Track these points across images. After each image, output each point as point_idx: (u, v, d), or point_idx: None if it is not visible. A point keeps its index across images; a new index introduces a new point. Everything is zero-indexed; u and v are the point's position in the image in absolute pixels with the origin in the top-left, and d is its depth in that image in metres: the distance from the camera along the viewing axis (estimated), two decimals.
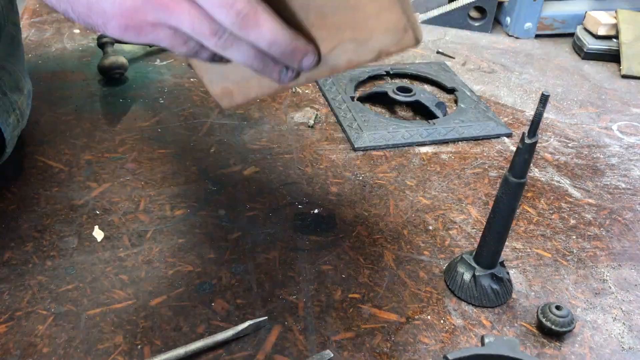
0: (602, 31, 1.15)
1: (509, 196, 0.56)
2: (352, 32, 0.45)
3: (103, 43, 0.98)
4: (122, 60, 0.94)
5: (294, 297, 0.60)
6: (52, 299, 0.58)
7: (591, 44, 1.16)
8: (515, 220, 0.72)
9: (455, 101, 0.96)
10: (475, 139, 0.88)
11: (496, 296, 0.61)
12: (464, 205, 0.74)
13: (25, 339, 0.54)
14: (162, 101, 0.91)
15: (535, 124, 0.52)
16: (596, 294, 0.64)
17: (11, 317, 0.56)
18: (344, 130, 0.86)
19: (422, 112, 0.93)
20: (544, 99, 0.50)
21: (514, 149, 0.65)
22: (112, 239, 0.65)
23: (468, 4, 1.23)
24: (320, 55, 0.47)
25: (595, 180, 0.81)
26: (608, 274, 0.66)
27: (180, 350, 0.52)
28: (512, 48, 1.19)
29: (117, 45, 1.01)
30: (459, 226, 0.71)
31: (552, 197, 0.77)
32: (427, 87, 1.01)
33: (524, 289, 0.63)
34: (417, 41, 0.44)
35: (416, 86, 0.98)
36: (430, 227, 0.70)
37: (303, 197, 0.73)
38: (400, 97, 0.92)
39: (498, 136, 0.89)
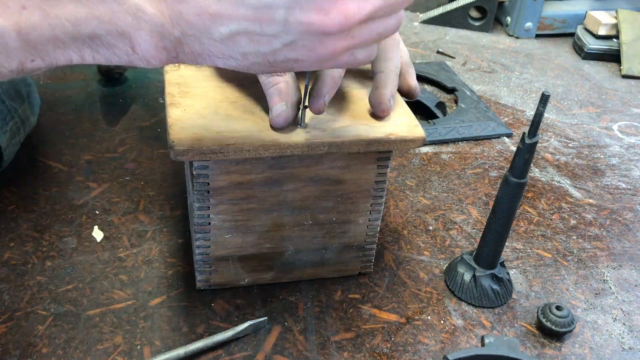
0: (602, 31, 1.15)
1: (509, 196, 0.56)
2: None
3: None
4: None
5: (294, 297, 0.60)
6: (51, 299, 0.58)
7: (592, 44, 1.15)
8: (515, 221, 0.72)
9: (456, 101, 0.96)
10: (476, 139, 0.88)
11: (496, 296, 0.61)
12: (464, 205, 0.74)
13: (25, 339, 0.54)
14: (162, 101, 0.91)
15: (535, 124, 0.52)
16: (596, 294, 0.64)
17: (10, 317, 0.56)
18: None
19: (423, 112, 0.93)
20: (544, 99, 0.50)
21: (514, 149, 0.65)
22: (111, 239, 0.65)
23: (468, 3, 1.22)
24: None
25: (595, 181, 0.81)
26: (608, 274, 0.66)
27: (180, 351, 0.52)
28: (513, 48, 1.19)
29: None
30: (459, 226, 0.71)
31: (552, 198, 0.77)
32: (427, 87, 1.01)
33: (524, 290, 0.63)
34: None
35: None
36: (431, 228, 0.70)
37: None
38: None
39: (498, 136, 0.89)
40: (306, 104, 0.51)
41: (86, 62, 0.40)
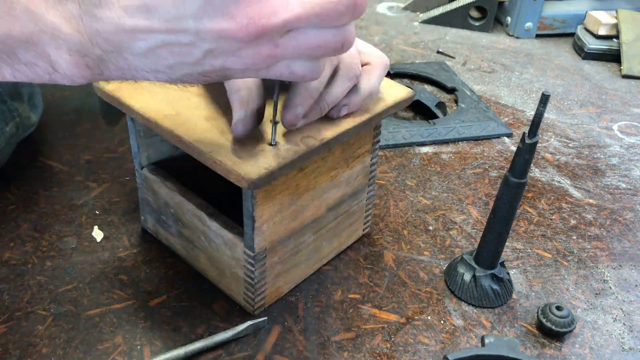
0: (602, 31, 1.15)
1: (509, 196, 0.56)
2: None
3: None
4: None
5: (294, 297, 0.60)
6: (51, 299, 0.58)
7: (592, 44, 1.15)
8: (515, 221, 0.72)
9: (456, 101, 0.96)
10: (476, 139, 0.88)
11: (496, 296, 0.61)
12: (464, 205, 0.74)
13: (25, 339, 0.54)
14: None
15: (535, 124, 0.52)
16: (596, 294, 0.64)
17: (11, 317, 0.56)
18: None
19: (423, 112, 0.93)
20: (544, 99, 0.50)
21: (515, 149, 0.65)
22: (111, 239, 0.65)
23: (468, 3, 1.22)
24: None
25: (595, 181, 0.81)
26: (608, 275, 0.66)
27: (180, 351, 0.52)
28: (513, 48, 1.19)
29: None
30: (459, 226, 0.71)
31: (552, 198, 0.77)
32: (428, 87, 1.01)
33: (524, 290, 0.63)
34: None
35: (416, 86, 0.98)
36: (431, 228, 0.70)
37: None
38: None
39: (498, 136, 0.89)
40: (277, 119, 0.48)
41: (7, 80, 0.39)
